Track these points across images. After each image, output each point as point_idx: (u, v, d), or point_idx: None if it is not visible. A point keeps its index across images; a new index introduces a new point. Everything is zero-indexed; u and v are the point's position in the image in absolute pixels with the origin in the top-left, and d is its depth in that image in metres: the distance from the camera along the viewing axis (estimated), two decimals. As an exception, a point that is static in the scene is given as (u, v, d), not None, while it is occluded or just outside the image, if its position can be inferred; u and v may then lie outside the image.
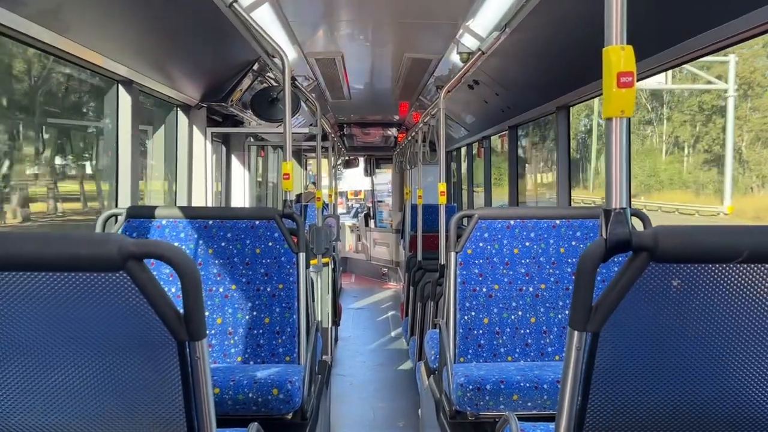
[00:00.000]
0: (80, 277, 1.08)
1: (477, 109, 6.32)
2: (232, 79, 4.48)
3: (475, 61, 4.21)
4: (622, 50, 1.16)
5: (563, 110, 4.40)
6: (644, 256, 1.08)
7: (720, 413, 1.22)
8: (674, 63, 2.76)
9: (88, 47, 2.66)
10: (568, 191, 4.50)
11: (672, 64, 2.78)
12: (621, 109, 1.17)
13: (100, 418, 1.23)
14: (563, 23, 3.22)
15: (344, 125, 10.85)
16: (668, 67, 2.84)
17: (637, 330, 1.16)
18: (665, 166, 24.82)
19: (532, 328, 2.88)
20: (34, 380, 1.18)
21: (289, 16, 4.17)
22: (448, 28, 4.49)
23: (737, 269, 1.09)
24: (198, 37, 3.56)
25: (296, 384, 2.47)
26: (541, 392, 2.43)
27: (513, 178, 5.93)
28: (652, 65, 2.81)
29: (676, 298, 1.11)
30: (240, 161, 6.28)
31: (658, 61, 2.76)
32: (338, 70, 6.10)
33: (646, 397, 1.21)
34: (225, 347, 2.85)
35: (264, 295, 2.87)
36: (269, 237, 2.89)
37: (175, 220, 2.89)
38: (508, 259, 2.90)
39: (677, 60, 2.69)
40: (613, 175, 1.20)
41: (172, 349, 1.15)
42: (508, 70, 4.61)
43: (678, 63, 2.77)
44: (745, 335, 1.14)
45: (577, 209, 3.25)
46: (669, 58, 2.69)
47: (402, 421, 4.60)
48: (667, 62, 2.75)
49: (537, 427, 1.87)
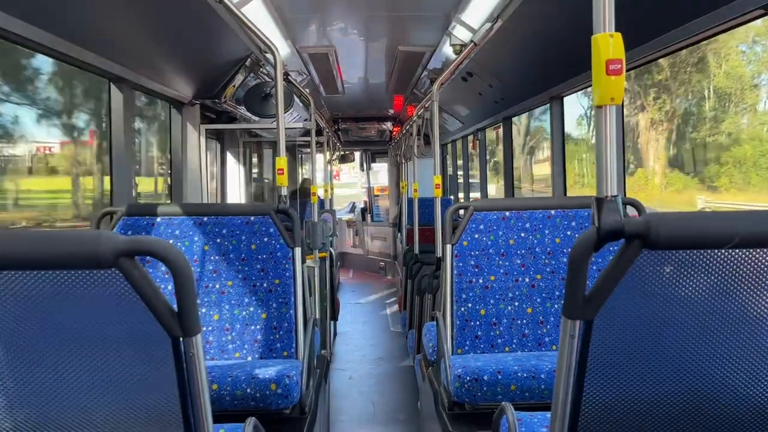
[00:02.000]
0: (72, 274, 1.08)
1: (471, 101, 6.32)
2: (225, 75, 4.47)
3: (468, 53, 4.21)
4: (611, 38, 1.16)
5: (557, 100, 4.40)
6: (637, 244, 1.08)
7: (714, 398, 1.23)
8: (665, 51, 2.76)
9: (79, 45, 2.65)
10: (563, 182, 4.50)
11: (663, 52, 2.78)
12: (611, 97, 1.17)
13: (96, 415, 1.23)
14: (555, 13, 3.21)
15: (339, 120, 10.84)
16: (659, 56, 2.84)
17: (631, 317, 1.16)
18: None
19: (528, 318, 2.89)
20: (28, 378, 1.18)
21: (280, 10, 4.16)
22: (441, 21, 4.49)
23: (729, 254, 1.09)
24: (190, 34, 3.55)
25: (294, 379, 2.47)
26: (539, 382, 2.44)
27: (508, 169, 5.93)
28: (644, 54, 2.81)
29: (669, 285, 1.12)
30: (234, 158, 6.27)
31: (649, 50, 2.76)
32: (331, 65, 6.09)
33: (642, 384, 1.22)
34: (222, 343, 2.85)
35: (260, 291, 2.87)
36: (265, 233, 2.89)
37: (171, 217, 2.89)
38: (504, 251, 2.90)
39: (667, 48, 2.70)
40: (604, 163, 1.20)
41: (166, 345, 1.15)
42: (501, 62, 4.61)
43: (669, 51, 2.77)
44: (737, 320, 1.14)
45: (571, 199, 3.25)
46: (659, 47, 2.69)
47: (402, 414, 4.61)
48: (657, 50, 2.75)
49: (534, 416, 1.87)
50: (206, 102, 4.64)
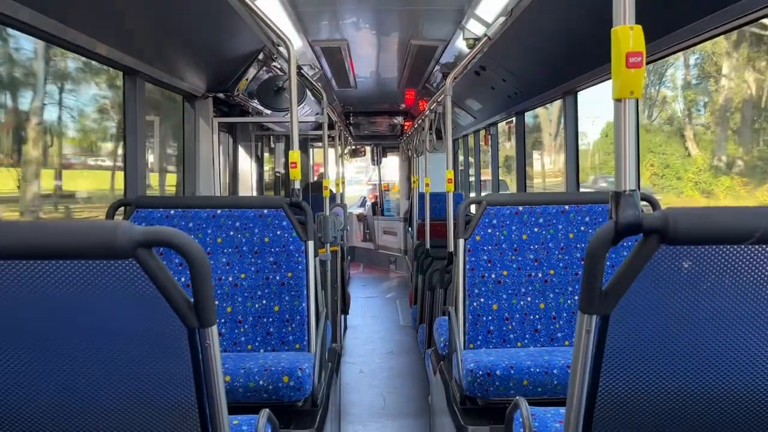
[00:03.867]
0: (90, 264, 1.09)
1: (483, 95, 6.29)
2: (238, 69, 4.48)
3: (481, 47, 4.19)
4: (631, 30, 1.14)
5: (571, 95, 4.37)
6: (655, 239, 1.07)
7: (732, 396, 1.22)
8: (684, 45, 2.73)
9: (93, 37, 2.67)
10: (576, 176, 4.47)
11: (682, 45, 2.75)
12: (630, 90, 1.15)
13: (113, 404, 1.24)
14: (569, 7, 3.18)
15: (350, 114, 10.83)
16: (678, 49, 2.81)
17: (648, 313, 1.15)
18: None
19: (541, 313, 2.88)
20: (45, 368, 1.19)
21: (293, 4, 4.16)
22: (454, 14, 4.46)
23: (749, 250, 1.08)
24: (204, 27, 3.55)
25: (307, 371, 2.48)
26: (551, 377, 2.43)
27: (521, 164, 5.90)
28: (663, 47, 2.78)
29: (687, 281, 1.11)
30: (247, 151, 6.28)
31: (668, 42, 2.73)
32: (344, 59, 6.09)
33: (657, 380, 1.21)
34: (235, 335, 2.86)
35: (273, 284, 2.88)
36: (277, 226, 2.89)
37: (184, 209, 2.90)
38: (517, 245, 2.89)
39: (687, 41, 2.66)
40: (623, 157, 1.19)
41: (183, 336, 1.16)
42: (514, 56, 4.58)
43: (688, 45, 2.74)
44: (756, 317, 1.13)
45: (585, 194, 3.23)
46: (679, 40, 2.66)
47: (412, 408, 4.62)
48: (676, 44, 2.72)
49: (548, 412, 1.87)
50: (219, 95, 4.65)
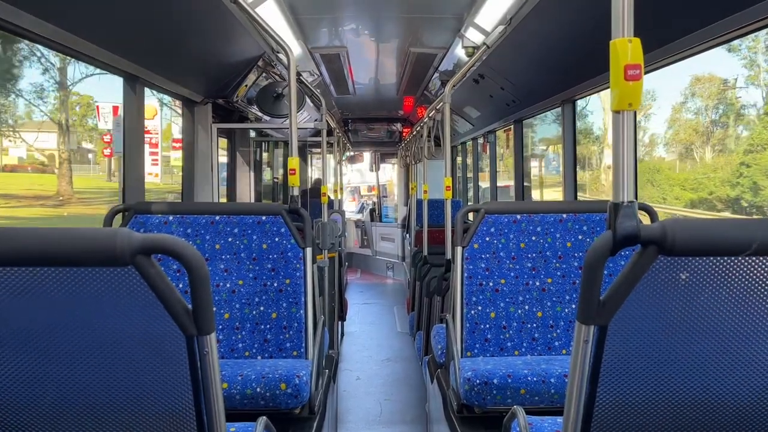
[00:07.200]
0: (89, 272, 1.09)
1: (482, 103, 6.31)
2: (237, 75, 4.48)
3: (480, 55, 4.20)
4: (630, 42, 1.15)
5: (569, 104, 4.39)
6: (653, 250, 1.08)
7: (729, 406, 1.22)
8: (682, 55, 2.75)
9: (93, 43, 2.67)
10: (573, 185, 4.48)
11: (680, 56, 2.76)
12: (629, 102, 1.16)
13: (111, 410, 1.23)
14: (568, 16, 3.20)
15: (349, 120, 10.85)
16: (676, 60, 2.82)
17: (646, 323, 1.15)
18: None
19: (538, 322, 2.88)
20: (43, 374, 1.19)
21: (293, 11, 4.17)
22: (453, 23, 4.48)
23: (746, 262, 1.08)
24: (203, 33, 3.56)
25: (304, 378, 2.48)
26: (549, 386, 2.43)
27: (518, 172, 5.91)
28: (660, 57, 2.80)
29: (684, 292, 1.11)
30: (245, 157, 6.28)
31: (664, 54, 2.74)
32: (343, 65, 6.10)
33: (655, 391, 1.21)
34: (232, 342, 2.86)
35: (271, 290, 2.88)
36: (276, 232, 2.89)
37: (182, 215, 2.90)
38: (515, 254, 2.89)
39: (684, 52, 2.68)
40: (621, 169, 1.20)
41: (181, 343, 1.16)
42: (513, 64, 4.59)
43: (686, 55, 2.75)
44: (753, 328, 1.14)
45: (583, 203, 3.24)
46: (677, 50, 2.68)
47: (409, 416, 4.61)
48: (674, 54, 2.73)
49: (545, 421, 1.87)
50: (218, 101, 4.65)
